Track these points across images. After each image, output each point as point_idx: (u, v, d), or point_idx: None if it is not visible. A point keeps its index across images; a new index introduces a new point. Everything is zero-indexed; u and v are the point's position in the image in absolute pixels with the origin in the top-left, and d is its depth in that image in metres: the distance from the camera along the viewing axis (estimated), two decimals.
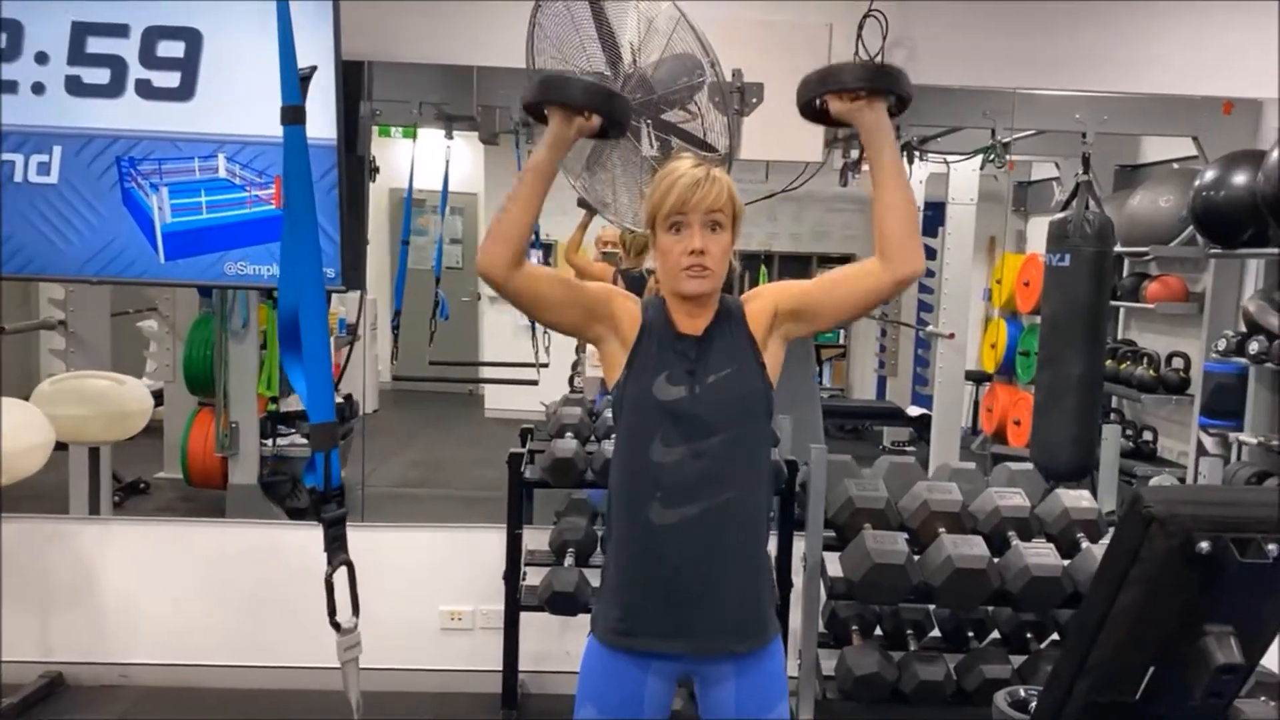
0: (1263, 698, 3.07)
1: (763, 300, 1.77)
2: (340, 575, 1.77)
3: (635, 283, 4.59)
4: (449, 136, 5.47)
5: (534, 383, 5.73)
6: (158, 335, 5.56)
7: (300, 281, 1.70)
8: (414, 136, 6.07)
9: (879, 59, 3.22)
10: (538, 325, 5.85)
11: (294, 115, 1.71)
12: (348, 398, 5.79)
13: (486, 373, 7.80)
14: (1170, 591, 1.51)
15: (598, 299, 1.76)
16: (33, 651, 3.22)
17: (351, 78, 3.03)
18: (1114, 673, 1.65)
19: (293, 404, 5.31)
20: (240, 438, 4.80)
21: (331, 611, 1.74)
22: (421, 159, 5.71)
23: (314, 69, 1.76)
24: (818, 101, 1.69)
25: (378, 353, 7.20)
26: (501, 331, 8.30)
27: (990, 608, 3.12)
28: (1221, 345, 4.50)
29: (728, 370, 1.70)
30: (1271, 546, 1.46)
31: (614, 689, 1.71)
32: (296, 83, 1.69)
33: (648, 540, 1.68)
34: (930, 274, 6.94)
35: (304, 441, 5.19)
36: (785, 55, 3.19)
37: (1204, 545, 1.45)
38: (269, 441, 5.06)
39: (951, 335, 6.38)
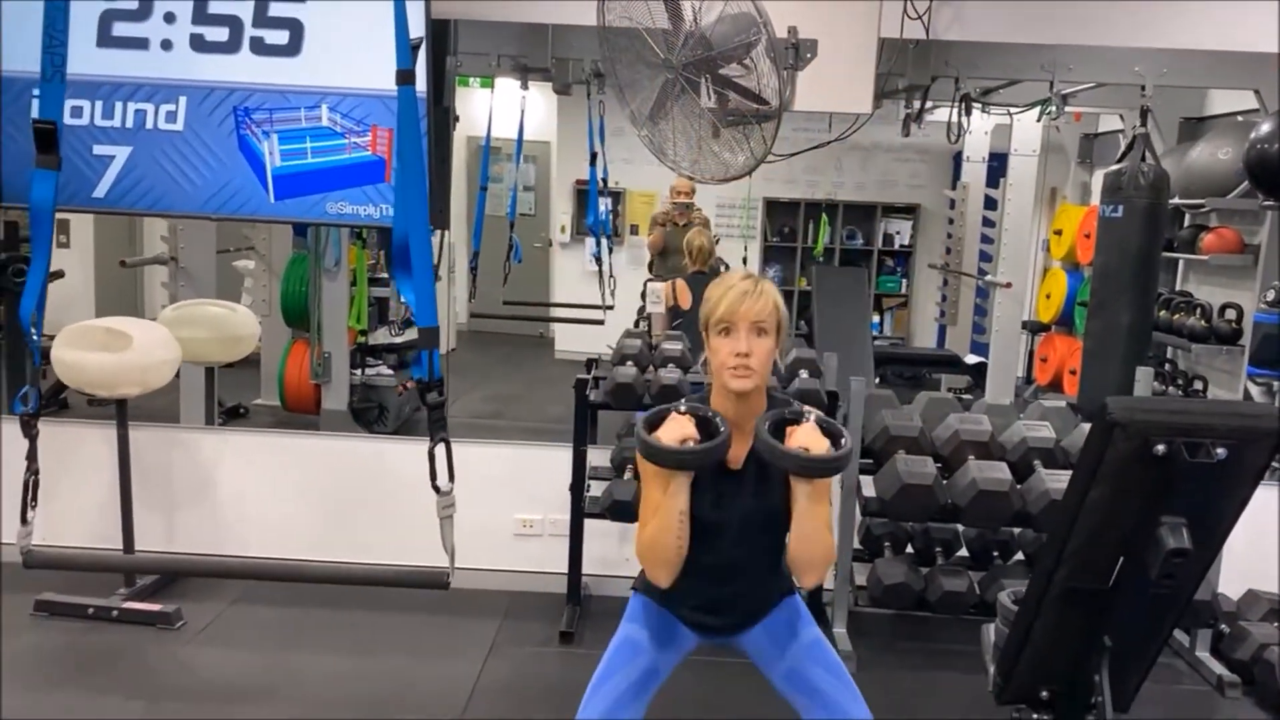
0: (1276, 624, 3.28)
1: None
2: (440, 450, 2.10)
3: (701, 283, 4.90)
4: (524, 87, 5.72)
5: (600, 323, 6.04)
6: (254, 273, 6.00)
7: (410, 214, 2.01)
8: (491, 86, 6.37)
9: (927, 19, 3.41)
10: (606, 270, 6.19)
11: (406, 77, 2.01)
12: None
13: (557, 314, 8.12)
14: (1132, 488, 1.78)
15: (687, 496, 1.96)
16: (160, 542, 3.67)
17: (439, 35, 3.32)
18: (1088, 561, 1.93)
19: (380, 337, 5.73)
20: (332, 367, 5.22)
21: (433, 476, 2.08)
22: (497, 108, 5.99)
23: (422, 39, 2.05)
24: None
25: (455, 295, 7.57)
26: (570, 276, 8.64)
27: (1015, 530, 3.38)
28: (1270, 296, 4.60)
29: (756, 501, 1.97)
30: (1220, 450, 1.71)
31: (656, 620, 2.10)
32: (409, 50, 1.99)
33: (688, 588, 2.02)
34: (990, 224, 7.05)
35: (390, 372, 5.61)
36: (839, 14, 3.40)
37: (1160, 447, 1.72)
38: (358, 371, 5.48)
39: (1009, 285, 6.52)
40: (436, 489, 2.05)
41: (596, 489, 3.42)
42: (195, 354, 3.67)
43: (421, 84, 3.10)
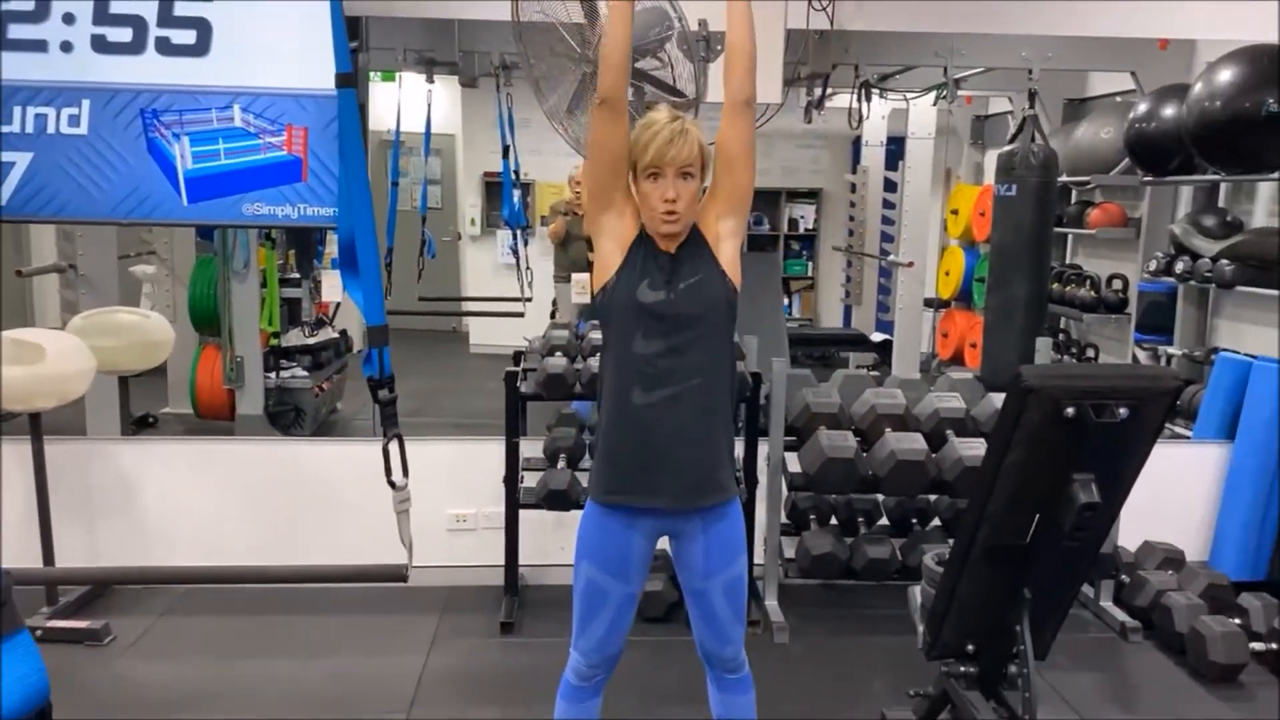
0: (1233, 618, 3.41)
1: (704, 214, 2.12)
2: (393, 446, 2.12)
3: None
4: (430, 81, 5.67)
5: (520, 315, 6.06)
6: (155, 278, 5.83)
7: (355, 214, 2.03)
8: (393, 80, 6.29)
9: (831, 10, 3.54)
10: (523, 262, 6.19)
11: (346, 80, 2.02)
12: (343, 333, 6.13)
13: (477, 308, 8.08)
14: (1046, 448, 1.92)
15: (627, 187, 2.08)
16: (82, 558, 3.55)
17: (351, 31, 3.30)
18: (1007, 520, 2.07)
19: (293, 339, 5.63)
20: (245, 371, 5.12)
21: (388, 472, 2.11)
22: (395, 102, 5.92)
23: (360, 43, 2.06)
24: None
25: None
26: (483, 269, 8.61)
27: (932, 497, 3.55)
28: (1152, 266, 4.90)
29: (696, 278, 2.05)
30: (1122, 410, 1.86)
31: (605, 545, 2.09)
32: (348, 53, 2.00)
33: (631, 417, 2.05)
34: (890, 206, 7.29)
35: (305, 373, 5.52)
36: None
37: (1070, 410, 1.86)
38: (272, 374, 5.38)
39: (911, 264, 6.76)
40: (392, 484, 2.08)
41: (530, 480, 3.46)
42: (109, 363, 3.57)
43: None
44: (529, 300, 6.19)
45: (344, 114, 2.01)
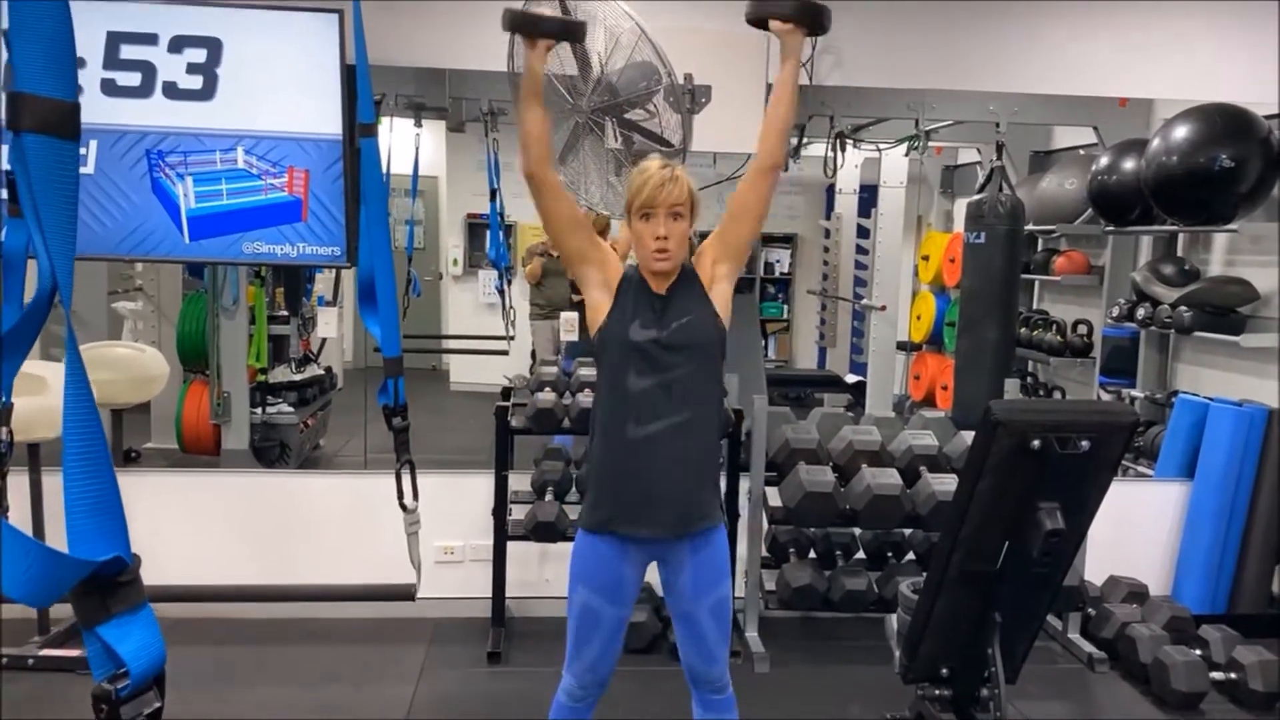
0: (1195, 649, 3.59)
1: (702, 255, 2.28)
2: (405, 472, 2.22)
3: None
4: (418, 125, 5.83)
5: (505, 353, 6.18)
6: (140, 314, 5.89)
7: (375, 252, 2.15)
8: (379, 123, 6.44)
9: (810, 66, 3.72)
10: (508, 301, 6.32)
11: (368, 130, 2.15)
12: (328, 370, 6.21)
13: (462, 346, 8.18)
14: (1014, 478, 2.06)
15: (597, 243, 2.25)
16: None
17: (350, 80, 3.44)
18: (979, 546, 2.20)
19: (279, 375, 5.71)
20: (232, 406, 5.18)
21: (399, 495, 2.21)
22: (383, 145, 6.07)
23: (384, 95, 2.19)
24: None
25: (343, 332, 7.52)
26: (464, 308, 8.72)
27: (906, 531, 3.68)
28: (1115, 312, 5.10)
29: (688, 317, 2.18)
30: (1084, 442, 2.00)
31: (599, 570, 2.19)
32: (371, 105, 2.13)
33: (624, 450, 2.16)
34: (863, 251, 7.50)
35: (290, 409, 5.59)
36: (730, 62, 3.68)
37: (1036, 442, 1.99)
38: (258, 410, 5.44)
39: (884, 307, 6.95)
40: (403, 507, 2.18)
41: (518, 513, 3.55)
42: (105, 396, 3.64)
43: (337, 127, 3.24)
44: (512, 339, 6.31)
45: (366, 160, 2.15)
